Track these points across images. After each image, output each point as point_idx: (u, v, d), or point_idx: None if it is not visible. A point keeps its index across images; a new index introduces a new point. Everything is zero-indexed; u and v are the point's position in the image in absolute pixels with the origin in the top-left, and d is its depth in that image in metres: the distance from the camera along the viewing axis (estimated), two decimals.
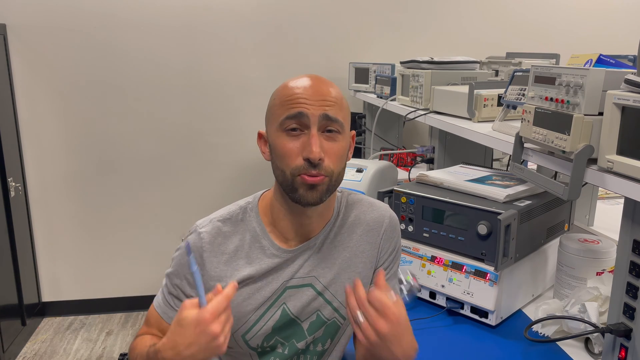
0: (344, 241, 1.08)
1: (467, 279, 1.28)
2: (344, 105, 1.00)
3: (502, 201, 1.27)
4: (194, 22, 2.77)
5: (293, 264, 1.04)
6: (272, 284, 1.04)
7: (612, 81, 0.90)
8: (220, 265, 1.03)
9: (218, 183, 2.96)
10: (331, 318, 1.08)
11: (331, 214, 1.08)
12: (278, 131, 0.96)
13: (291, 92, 0.96)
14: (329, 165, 0.95)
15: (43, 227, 2.87)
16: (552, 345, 1.20)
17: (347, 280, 1.07)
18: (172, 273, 1.06)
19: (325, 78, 1.02)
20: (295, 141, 0.95)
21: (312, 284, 1.05)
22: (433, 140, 1.95)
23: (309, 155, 0.92)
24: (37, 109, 2.73)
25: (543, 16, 3.08)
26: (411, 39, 3.00)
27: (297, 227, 1.04)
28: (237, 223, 1.05)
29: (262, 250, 1.04)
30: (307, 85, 0.97)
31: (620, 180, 0.84)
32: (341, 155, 0.98)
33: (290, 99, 0.95)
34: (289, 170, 0.95)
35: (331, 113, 0.95)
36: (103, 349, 2.65)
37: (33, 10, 2.62)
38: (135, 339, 1.10)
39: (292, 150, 0.94)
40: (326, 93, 0.97)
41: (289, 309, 1.05)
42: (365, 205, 1.12)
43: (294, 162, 0.94)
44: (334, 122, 0.95)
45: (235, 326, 1.05)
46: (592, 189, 1.76)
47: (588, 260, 1.28)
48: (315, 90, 0.96)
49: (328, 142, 0.95)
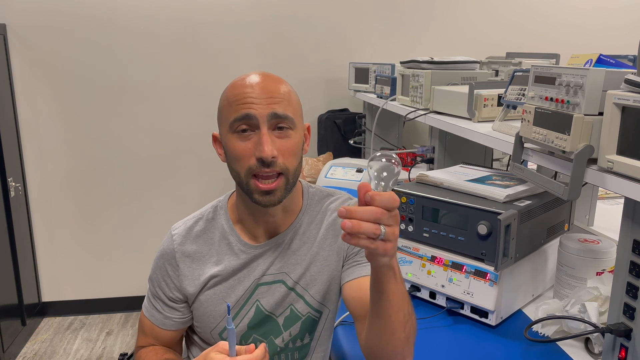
0: (312, 236, 1.08)
1: (467, 279, 1.28)
2: (293, 100, 0.98)
3: (502, 201, 1.27)
4: (194, 22, 2.77)
5: (263, 261, 1.05)
6: (244, 283, 1.05)
7: (612, 81, 0.90)
8: (193, 264, 1.05)
9: (218, 183, 2.96)
10: (305, 313, 1.08)
11: (299, 208, 1.08)
12: (229, 133, 0.96)
13: (237, 92, 0.95)
14: (283, 162, 0.95)
15: (43, 227, 2.87)
16: (552, 345, 1.20)
17: (316, 273, 1.07)
18: (151, 277, 1.10)
19: (273, 74, 1.00)
20: (247, 142, 0.94)
21: (283, 280, 1.06)
22: (433, 140, 1.95)
23: (261, 154, 0.92)
24: (37, 109, 2.73)
25: (543, 16, 3.08)
26: (411, 39, 3.00)
27: (263, 225, 1.05)
28: (208, 222, 1.08)
29: (229, 247, 1.05)
30: (254, 84, 0.95)
31: (620, 180, 0.84)
32: (294, 151, 0.97)
33: (237, 100, 0.94)
34: (243, 172, 0.95)
35: (279, 110, 0.94)
36: (103, 349, 2.65)
37: (33, 10, 2.62)
38: (139, 351, 1.11)
39: (245, 152, 0.94)
40: (273, 90, 0.95)
41: (262, 305, 1.06)
42: (326, 196, 1.12)
43: (247, 163, 0.94)
44: (283, 119, 0.95)
45: (212, 325, 1.06)
46: (592, 189, 1.76)
47: (588, 260, 1.28)
48: (262, 88, 0.95)
49: (280, 139, 0.95)
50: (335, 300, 1.12)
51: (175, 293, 1.07)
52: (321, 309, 1.10)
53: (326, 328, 1.13)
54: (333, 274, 1.09)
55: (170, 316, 1.09)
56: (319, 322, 1.11)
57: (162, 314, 1.09)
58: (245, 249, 1.05)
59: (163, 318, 1.09)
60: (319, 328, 1.11)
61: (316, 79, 2.96)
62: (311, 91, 2.96)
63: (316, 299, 1.08)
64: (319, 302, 1.09)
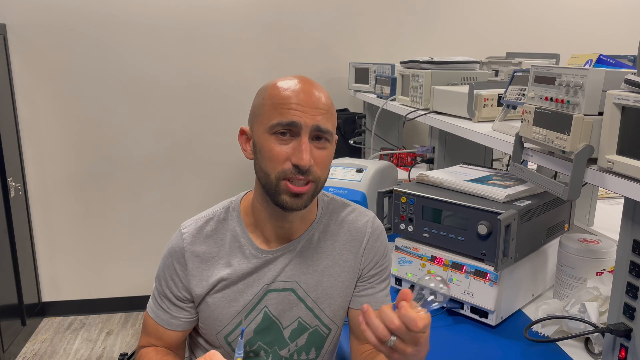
0: (327, 248, 1.07)
1: (467, 279, 1.28)
2: (332, 113, 0.99)
3: (502, 201, 1.27)
4: (194, 22, 2.77)
5: (274, 267, 1.04)
6: (254, 287, 1.03)
7: (612, 81, 0.90)
8: (202, 265, 1.04)
9: (218, 183, 2.96)
10: (313, 325, 1.07)
11: (314, 217, 1.08)
12: (266, 133, 0.95)
13: (283, 96, 0.95)
14: (316, 172, 0.95)
15: (43, 227, 2.87)
16: (552, 345, 1.20)
17: (329, 288, 1.06)
18: (158, 275, 1.08)
19: (314, 81, 1.01)
20: (284, 145, 0.94)
21: (294, 289, 1.05)
22: (433, 140, 1.95)
23: (299, 162, 0.92)
24: (37, 109, 2.73)
25: (543, 16, 3.08)
26: (411, 39, 3.00)
27: (278, 230, 1.04)
28: (220, 223, 1.06)
29: (241, 250, 1.04)
30: (300, 91, 0.95)
31: (620, 180, 0.84)
32: (328, 163, 0.98)
33: (282, 104, 0.94)
34: (275, 174, 0.94)
35: (322, 124, 0.94)
36: (103, 349, 2.65)
37: (33, 10, 2.62)
38: (139, 351, 1.09)
39: (281, 154, 0.94)
40: (318, 101, 0.95)
41: (270, 311, 1.04)
42: (349, 212, 1.11)
43: (280, 166, 0.94)
44: (324, 133, 0.95)
45: (218, 328, 1.05)
46: (592, 189, 1.76)
47: (588, 260, 1.28)
48: (308, 97, 0.95)
49: (317, 150, 0.95)
50: (344, 317, 1.11)
51: (183, 292, 1.05)
52: (331, 326, 1.08)
53: (332, 344, 1.12)
54: (346, 292, 1.08)
55: (177, 316, 1.07)
56: (327, 338, 1.09)
57: (169, 313, 1.06)
58: (257, 253, 1.03)
59: (170, 318, 1.07)
60: (326, 345, 1.10)
61: (316, 79, 2.89)
62: None
63: (327, 313, 1.07)
64: (330, 319, 1.07)
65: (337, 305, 1.07)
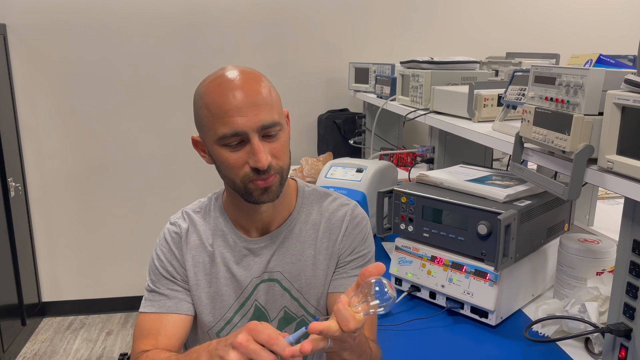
0: (309, 238, 1.07)
1: (467, 279, 1.28)
2: (274, 99, 0.95)
3: (502, 201, 1.27)
4: (193, 22, 2.77)
5: (260, 260, 1.05)
6: (241, 279, 1.05)
7: (612, 81, 0.90)
8: (187, 254, 1.05)
9: (218, 183, 2.95)
10: (300, 315, 1.08)
11: (292, 205, 1.08)
12: (216, 145, 0.93)
13: (219, 103, 0.90)
14: (277, 164, 0.95)
15: (43, 227, 2.87)
16: (552, 345, 1.20)
17: (312, 277, 1.07)
18: (154, 266, 1.06)
19: (247, 69, 0.96)
20: (238, 152, 0.93)
21: (278, 280, 1.06)
22: (433, 140, 1.95)
23: (257, 165, 0.91)
24: (37, 109, 2.74)
25: (543, 16, 3.08)
26: (411, 39, 3.00)
27: (256, 222, 1.05)
28: (206, 214, 1.09)
29: (224, 238, 1.05)
30: (235, 91, 0.90)
31: (620, 180, 0.84)
32: (285, 148, 0.97)
33: (220, 112, 0.90)
34: (239, 179, 0.95)
35: (267, 119, 0.91)
36: (103, 349, 2.65)
37: (33, 10, 2.62)
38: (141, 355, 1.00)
39: (237, 161, 0.93)
40: (256, 95, 0.91)
41: (260, 303, 1.06)
42: (331, 201, 1.11)
43: (241, 171, 0.93)
44: (272, 127, 0.93)
45: (210, 324, 1.05)
46: (592, 189, 1.76)
47: (588, 260, 1.28)
48: (245, 96, 0.90)
49: (271, 144, 0.94)
50: None
51: (182, 271, 1.05)
52: (317, 315, 1.09)
53: None
54: (327, 279, 1.08)
55: (184, 298, 1.04)
56: None
57: (174, 299, 1.04)
58: (239, 242, 1.05)
59: (177, 302, 1.04)
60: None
61: (316, 79, 2.96)
62: (311, 91, 2.96)
63: (312, 303, 1.08)
64: (315, 308, 1.08)
65: (321, 295, 1.08)
